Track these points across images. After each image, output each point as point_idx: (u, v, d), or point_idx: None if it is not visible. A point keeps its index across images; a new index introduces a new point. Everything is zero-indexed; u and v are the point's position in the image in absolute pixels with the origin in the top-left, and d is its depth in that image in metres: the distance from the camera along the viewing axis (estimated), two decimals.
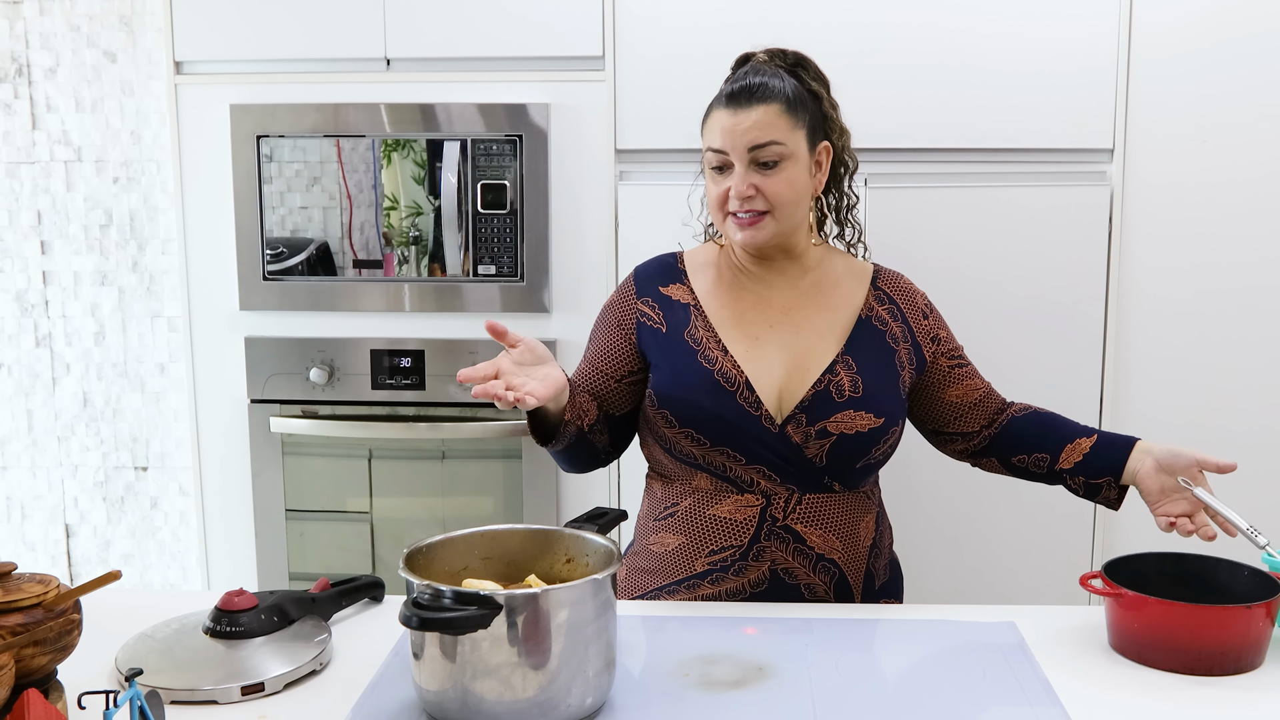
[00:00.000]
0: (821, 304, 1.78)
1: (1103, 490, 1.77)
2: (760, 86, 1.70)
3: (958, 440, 1.88)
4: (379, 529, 2.85)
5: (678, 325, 1.76)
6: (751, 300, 1.78)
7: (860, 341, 1.76)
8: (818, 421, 1.69)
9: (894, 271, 1.88)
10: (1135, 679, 1.44)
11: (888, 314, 1.80)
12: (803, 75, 1.77)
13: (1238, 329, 2.64)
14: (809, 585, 1.72)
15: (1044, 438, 1.82)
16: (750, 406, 1.69)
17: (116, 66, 2.98)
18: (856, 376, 1.71)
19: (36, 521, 3.18)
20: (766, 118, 1.68)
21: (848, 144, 1.84)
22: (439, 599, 1.24)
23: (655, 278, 1.83)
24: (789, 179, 1.70)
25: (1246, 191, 2.61)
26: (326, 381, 2.78)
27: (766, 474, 1.70)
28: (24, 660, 1.22)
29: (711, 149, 1.71)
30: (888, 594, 1.83)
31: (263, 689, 1.38)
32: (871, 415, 1.70)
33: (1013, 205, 2.63)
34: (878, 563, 1.80)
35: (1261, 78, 2.57)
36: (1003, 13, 2.59)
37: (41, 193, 3.03)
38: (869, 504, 1.79)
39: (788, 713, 1.34)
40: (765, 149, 1.68)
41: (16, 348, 3.10)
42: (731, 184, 1.70)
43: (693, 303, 1.78)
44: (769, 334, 1.75)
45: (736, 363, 1.71)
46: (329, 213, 2.76)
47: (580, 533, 1.44)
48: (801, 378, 1.72)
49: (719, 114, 1.72)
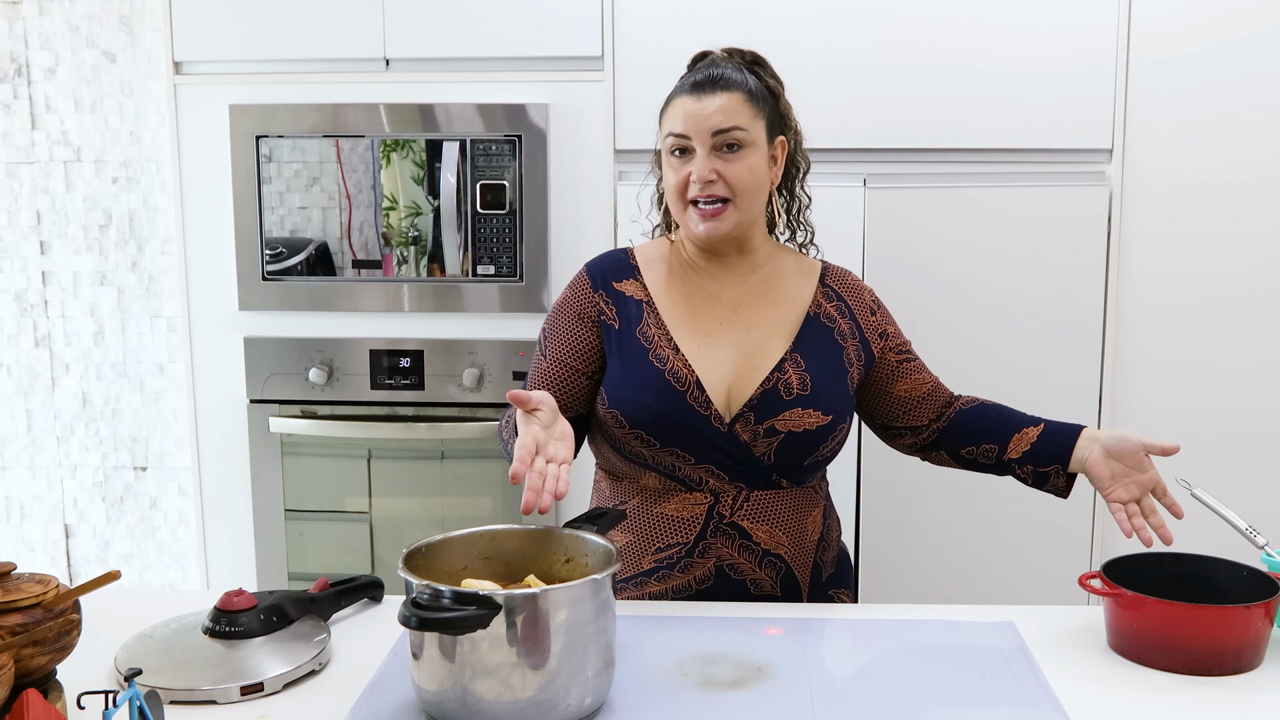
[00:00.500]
0: (770, 301, 1.79)
1: (1051, 478, 1.78)
2: (723, 76, 1.71)
3: (906, 434, 1.89)
4: (378, 529, 2.85)
5: (630, 322, 1.75)
6: (702, 297, 1.78)
7: (808, 338, 1.77)
8: (766, 420, 1.69)
9: (842, 268, 1.89)
10: (1134, 679, 1.44)
11: (835, 311, 1.81)
12: (760, 73, 1.78)
13: (1237, 329, 2.64)
14: (755, 580, 1.72)
15: (991, 429, 1.83)
16: (700, 406, 1.69)
17: (116, 67, 2.98)
18: (804, 374, 1.72)
19: (36, 521, 3.18)
20: (731, 104, 1.69)
21: (801, 144, 1.85)
22: (438, 599, 1.24)
23: (608, 273, 1.81)
24: (750, 166, 1.71)
25: (1245, 191, 2.61)
26: (326, 381, 2.78)
27: (715, 473, 1.71)
28: (23, 660, 1.22)
29: (674, 134, 1.71)
30: (836, 585, 1.83)
31: (262, 689, 1.37)
32: (819, 413, 1.71)
33: (1012, 205, 2.63)
34: (825, 556, 1.80)
35: (1260, 78, 2.57)
36: (1001, 13, 2.59)
37: (41, 193, 3.03)
38: (816, 498, 1.80)
39: (787, 713, 1.34)
40: (729, 133, 1.69)
41: (16, 348, 3.10)
42: (693, 169, 1.69)
43: (645, 299, 1.77)
44: (719, 332, 1.75)
45: (687, 361, 1.71)
46: (328, 213, 2.76)
47: (579, 533, 1.44)
48: (750, 376, 1.72)
49: (682, 100, 1.72)
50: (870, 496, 2.71)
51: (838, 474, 2.67)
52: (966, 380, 2.68)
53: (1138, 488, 1.70)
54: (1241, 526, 1.59)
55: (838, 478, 2.68)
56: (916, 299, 2.66)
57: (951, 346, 2.67)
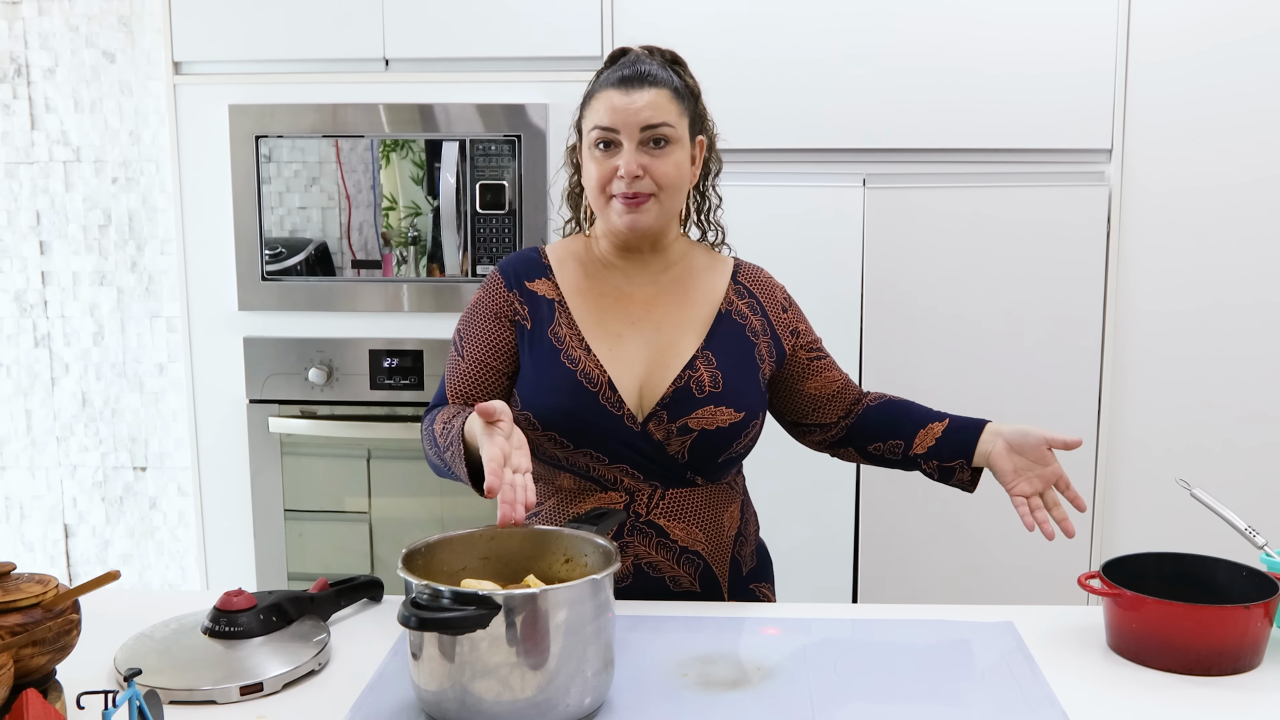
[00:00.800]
0: (682, 299, 1.79)
1: (956, 473, 1.79)
2: (651, 73, 1.71)
3: (816, 431, 1.89)
4: (377, 529, 2.85)
5: (542, 322, 1.74)
6: (614, 296, 1.77)
7: (720, 336, 1.77)
8: (679, 418, 1.69)
9: (754, 265, 1.89)
10: (1133, 679, 1.44)
11: (747, 307, 1.81)
12: (681, 72, 1.78)
13: (1236, 328, 2.64)
14: (674, 578, 1.72)
15: (898, 425, 1.83)
16: (612, 407, 1.68)
17: (115, 67, 2.98)
18: (716, 371, 1.72)
19: (35, 521, 3.18)
20: (659, 100, 1.69)
21: (715, 145, 1.85)
22: (437, 599, 1.24)
23: (521, 272, 1.79)
24: (676, 162, 1.71)
25: (1244, 191, 2.61)
26: (325, 381, 2.78)
27: (630, 472, 1.71)
28: (23, 660, 1.22)
29: (600, 127, 1.70)
30: (757, 579, 1.83)
31: (261, 689, 1.37)
32: (732, 410, 1.71)
33: (1011, 205, 2.63)
34: (743, 550, 1.80)
35: (1259, 79, 2.58)
36: (1001, 14, 2.59)
37: (40, 193, 3.03)
38: (733, 494, 1.80)
39: (786, 713, 1.34)
40: (658, 129, 1.69)
41: (15, 348, 3.10)
42: (619, 162, 1.69)
43: (557, 298, 1.76)
44: (631, 331, 1.75)
45: (599, 362, 1.70)
46: (328, 213, 2.76)
47: (579, 533, 1.44)
48: (662, 374, 1.72)
49: (609, 94, 1.71)
50: (870, 496, 2.71)
51: (838, 474, 2.67)
52: (966, 382, 2.69)
53: (1040, 481, 1.72)
54: (1240, 526, 1.59)
55: (838, 478, 2.69)
56: (916, 299, 2.66)
57: (950, 346, 2.67)
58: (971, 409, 2.66)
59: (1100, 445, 2.68)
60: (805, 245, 2.65)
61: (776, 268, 2.64)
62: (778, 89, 2.64)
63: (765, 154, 2.67)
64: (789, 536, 2.70)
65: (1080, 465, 2.69)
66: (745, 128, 2.64)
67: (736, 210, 2.67)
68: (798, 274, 2.65)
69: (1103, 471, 2.69)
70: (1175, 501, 1.96)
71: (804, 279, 2.66)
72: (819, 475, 2.67)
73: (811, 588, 2.70)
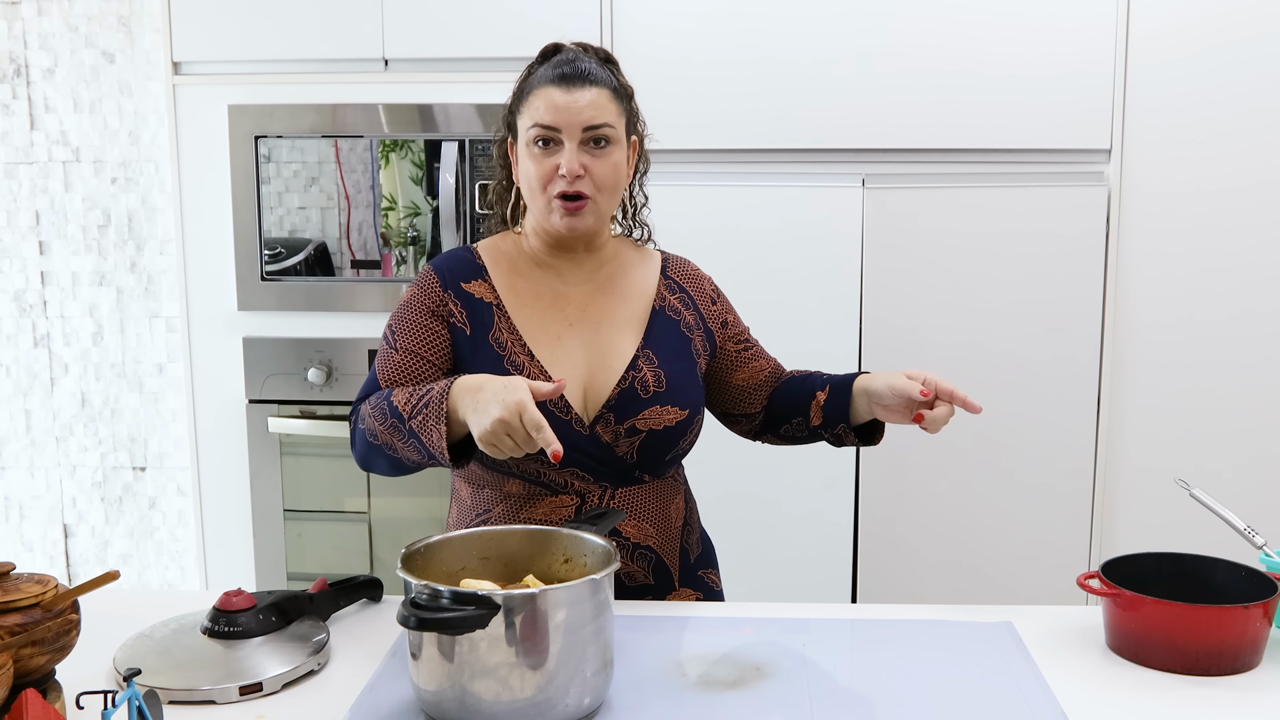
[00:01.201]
0: (618, 296, 1.78)
1: (845, 437, 1.79)
2: (591, 71, 1.70)
3: (743, 421, 1.89)
4: (377, 529, 2.85)
5: (482, 327, 1.71)
6: (550, 298, 1.75)
7: (657, 333, 1.76)
8: (626, 420, 1.69)
9: (681, 258, 1.88)
10: (1133, 679, 1.44)
11: (679, 303, 1.81)
12: (615, 72, 1.77)
13: (1235, 327, 2.65)
14: (628, 574, 1.72)
15: (796, 401, 1.82)
16: (559, 411, 1.67)
17: (115, 67, 2.98)
18: (659, 370, 1.72)
19: (35, 521, 3.18)
20: (600, 100, 1.68)
21: (645, 145, 1.84)
22: (437, 599, 1.24)
23: (457, 273, 1.75)
24: (615, 163, 1.70)
25: (1242, 191, 2.61)
26: (324, 382, 2.78)
27: (579, 475, 1.69)
28: (22, 660, 1.21)
29: (541, 125, 1.67)
30: (704, 566, 1.83)
31: (261, 689, 1.37)
32: (677, 408, 1.71)
33: (1011, 205, 2.63)
34: (690, 539, 1.81)
35: (1257, 79, 2.58)
36: (1000, 14, 2.59)
37: (40, 193, 3.03)
38: (676, 486, 1.80)
39: (785, 712, 1.34)
40: (599, 129, 1.67)
41: (15, 348, 3.10)
42: (560, 161, 1.66)
43: (495, 302, 1.73)
44: (570, 333, 1.73)
45: (543, 368, 1.69)
46: (327, 213, 2.76)
47: (578, 533, 1.44)
48: (605, 375, 1.71)
49: (549, 91, 1.68)
50: (869, 496, 2.71)
51: (837, 473, 2.67)
52: (965, 381, 2.68)
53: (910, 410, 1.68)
54: (1240, 526, 1.59)
55: (837, 477, 2.69)
56: (915, 299, 2.66)
57: (950, 346, 2.67)
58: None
59: (1100, 443, 2.68)
60: (805, 245, 2.65)
61: (776, 268, 2.65)
62: (776, 89, 2.64)
63: (764, 154, 2.68)
64: (788, 536, 2.70)
65: (1079, 464, 2.69)
66: (744, 127, 2.65)
67: (735, 211, 2.68)
68: (797, 274, 2.67)
69: (1102, 470, 2.69)
70: (1174, 501, 1.96)
71: (803, 279, 2.67)
72: (818, 474, 2.68)
73: (810, 587, 2.70)
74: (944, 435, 2.64)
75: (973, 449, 2.68)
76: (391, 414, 1.58)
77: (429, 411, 1.53)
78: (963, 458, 2.67)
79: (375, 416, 1.61)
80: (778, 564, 2.71)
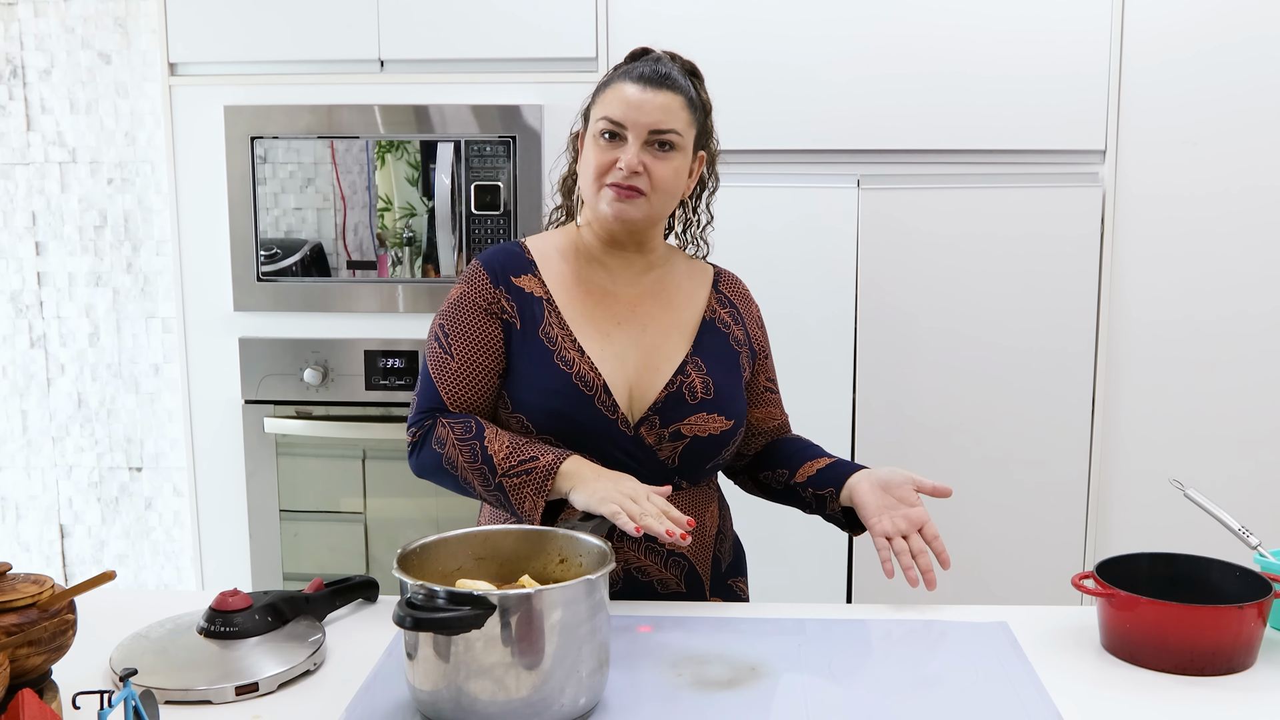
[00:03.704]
0: (665, 302, 1.78)
1: (828, 502, 1.80)
2: (670, 76, 1.70)
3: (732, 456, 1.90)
4: (373, 529, 2.85)
5: (533, 321, 1.71)
6: (599, 295, 1.75)
7: (706, 343, 1.76)
8: (671, 424, 1.69)
9: (733, 275, 1.88)
10: (1127, 679, 1.44)
11: (729, 317, 1.81)
12: (698, 85, 1.77)
13: (1230, 327, 2.65)
14: (661, 581, 1.72)
15: (790, 456, 1.85)
16: (607, 410, 1.67)
17: (111, 68, 2.98)
18: (707, 378, 1.72)
19: (31, 522, 3.17)
20: (673, 105, 1.69)
21: (715, 164, 1.85)
22: (432, 599, 1.24)
23: (507, 267, 1.75)
24: (676, 168, 1.70)
25: (1236, 192, 2.62)
26: (320, 382, 2.78)
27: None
28: (18, 660, 1.22)
29: (609, 119, 1.68)
30: (734, 574, 1.84)
31: (257, 689, 1.38)
32: (723, 418, 1.71)
33: (1006, 206, 2.64)
34: (723, 547, 1.81)
35: (1251, 80, 2.58)
36: (995, 15, 2.59)
37: (36, 194, 3.03)
38: (711, 493, 1.80)
39: (780, 713, 1.34)
40: (666, 134, 1.68)
41: (11, 349, 3.10)
42: (622, 155, 1.67)
43: (546, 296, 1.73)
44: (618, 331, 1.73)
45: (593, 364, 1.68)
46: (323, 214, 2.76)
47: (574, 533, 1.44)
48: (652, 378, 1.71)
49: (625, 86, 1.69)
50: None
51: None
52: (960, 382, 2.69)
53: (905, 522, 1.73)
54: (1234, 527, 1.59)
55: None
56: (910, 300, 2.67)
57: (945, 347, 2.67)
58: (967, 409, 2.68)
59: (1094, 444, 2.69)
60: (800, 246, 2.65)
61: (771, 269, 2.65)
62: (772, 91, 2.64)
63: (760, 155, 2.68)
64: (783, 537, 2.70)
65: (1074, 464, 2.69)
66: (740, 129, 2.64)
67: (732, 212, 2.68)
68: (792, 275, 2.67)
69: (1096, 470, 2.70)
70: (1169, 502, 1.96)
71: (798, 280, 2.67)
72: None
73: (805, 588, 2.71)
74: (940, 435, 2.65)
75: (967, 449, 2.68)
76: (483, 460, 1.61)
77: (530, 480, 1.58)
78: (957, 458, 2.68)
79: (461, 451, 1.63)
80: (774, 564, 2.70)
